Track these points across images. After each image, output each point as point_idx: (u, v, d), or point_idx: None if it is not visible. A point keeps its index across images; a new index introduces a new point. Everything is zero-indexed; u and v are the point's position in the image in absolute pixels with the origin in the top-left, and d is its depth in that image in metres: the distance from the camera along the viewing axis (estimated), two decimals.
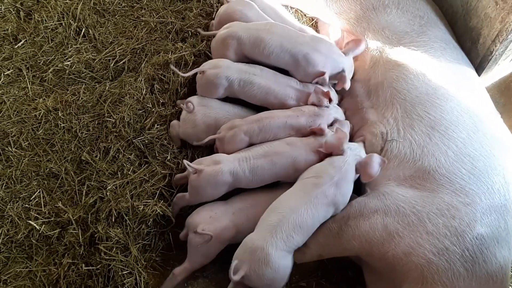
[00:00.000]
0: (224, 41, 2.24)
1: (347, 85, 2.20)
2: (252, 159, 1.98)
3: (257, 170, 1.96)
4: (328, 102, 2.11)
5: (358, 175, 1.94)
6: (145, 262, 2.00)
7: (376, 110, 2.13)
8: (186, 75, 2.24)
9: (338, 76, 2.22)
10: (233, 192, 2.08)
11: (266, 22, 2.33)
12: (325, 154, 1.96)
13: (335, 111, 2.16)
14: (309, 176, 1.90)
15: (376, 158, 1.88)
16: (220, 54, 2.28)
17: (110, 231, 1.98)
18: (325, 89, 2.14)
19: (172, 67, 2.30)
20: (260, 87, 2.16)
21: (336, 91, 2.28)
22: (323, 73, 2.17)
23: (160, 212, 2.03)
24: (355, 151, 1.95)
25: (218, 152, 2.12)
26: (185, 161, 1.94)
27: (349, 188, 1.88)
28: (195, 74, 2.25)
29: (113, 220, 2.01)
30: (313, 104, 2.13)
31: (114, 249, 1.96)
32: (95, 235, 2.00)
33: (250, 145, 2.09)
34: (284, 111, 2.13)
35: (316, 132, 2.05)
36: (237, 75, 2.16)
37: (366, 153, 2.00)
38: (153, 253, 2.08)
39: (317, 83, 2.20)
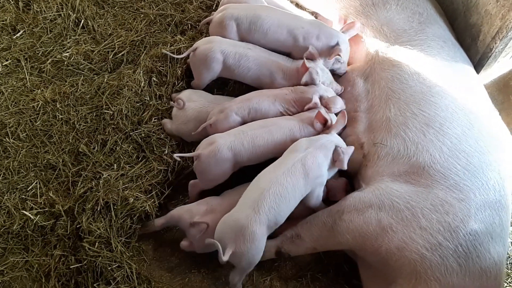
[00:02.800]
0: (221, 23, 2.26)
1: (341, 53, 2.21)
2: (249, 131, 1.98)
3: (256, 140, 1.96)
4: (319, 81, 2.15)
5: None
6: (130, 253, 2.00)
7: (366, 115, 2.13)
8: (181, 56, 2.27)
9: (333, 49, 2.23)
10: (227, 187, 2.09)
11: (261, 4, 2.39)
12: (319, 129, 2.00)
13: (323, 89, 2.15)
14: (289, 149, 1.92)
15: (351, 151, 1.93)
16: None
17: (92, 225, 1.97)
18: (314, 64, 2.17)
19: (165, 51, 2.32)
20: (255, 58, 2.19)
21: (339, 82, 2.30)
22: (309, 52, 2.20)
23: (148, 211, 2.04)
24: (339, 139, 1.97)
25: None
26: (175, 155, 1.97)
27: (323, 162, 1.88)
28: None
29: (99, 209, 2.00)
30: (305, 84, 2.15)
31: (97, 243, 1.95)
32: (79, 227, 2.00)
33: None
34: (272, 90, 2.16)
35: (310, 108, 2.06)
36: (231, 48, 2.18)
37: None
38: (136, 243, 2.07)
39: (307, 58, 2.19)
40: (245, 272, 1.88)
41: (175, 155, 1.98)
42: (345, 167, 1.90)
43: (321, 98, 2.10)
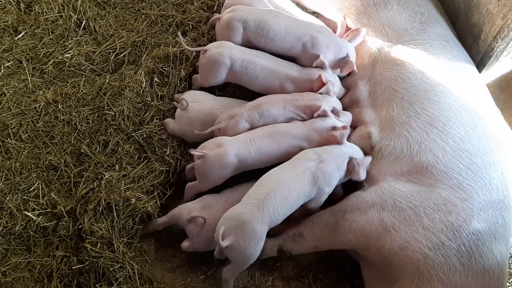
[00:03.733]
0: (229, 25, 2.25)
1: (355, 68, 2.21)
2: (257, 140, 1.97)
3: (263, 150, 1.96)
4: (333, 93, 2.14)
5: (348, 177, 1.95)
6: (132, 254, 2.00)
7: (371, 111, 2.13)
8: (192, 49, 2.27)
9: (343, 62, 2.23)
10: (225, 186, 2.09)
11: (270, 9, 2.37)
12: (327, 138, 1.97)
13: (335, 101, 2.16)
14: (301, 154, 1.92)
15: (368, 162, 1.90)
16: (225, 38, 2.28)
17: (94, 226, 1.97)
18: (326, 74, 2.16)
19: (179, 35, 2.32)
20: (263, 67, 2.17)
21: (341, 83, 2.30)
22: (319, 60, 2.19)
23: (150, 211, 2.04)
24: (353, 148, 1.96)
25: None
26: (191, 150, 1.94)
27: (334, 173, 1.87)
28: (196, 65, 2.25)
29: (100, 210, 2.00)
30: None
31: (99, 244, 1.95)
32: (81, 228, 2.00)
33: None
34: (282, 95, 2.14)
35: (320, 115, 2.05)
36: (240, 55, 2.17)
37: None
38: (138, 243, 2.08)
39: (316, 66, 2.20)
40: (239, 269, 1.88)
41: (192, 150, 1.94)
42: (362, 178, 1.90)
43: (333, 109, 2.10)
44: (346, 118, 2.14)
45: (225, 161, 1.93)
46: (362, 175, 1.90)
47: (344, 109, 2.25)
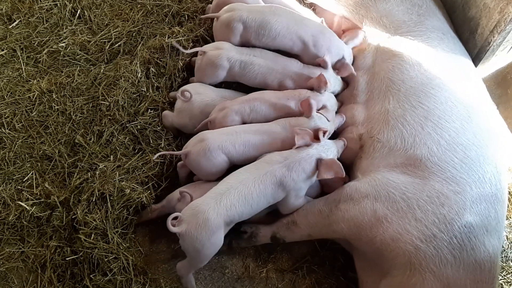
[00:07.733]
0: (229, 25, 2.21)
1: (353, 71, 2.20)
2: (243, 134, 1.98)
3: (248, 144, 1.97)
4: (325, 90, 2.11)
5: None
6: (126, 245, 2.00)
7: (366, 107, 2.12)
8: (188, 51, 2.23)
9: (339, 64, 2.23)
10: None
11: (269, 5, 2.32)
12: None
13: (326, 98, 2.15)
14: (267, 157, 1.93)
15: (335, 166, 1.88)
16: (224, 38, 2.25)
17: (87, 217, 1.96)
18: (328, 74, 2.15)
19: (174, 43, 2.28)
20: (261, 67, 2.16)
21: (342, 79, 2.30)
22: (323, 60, 2.18)
23: (145, 202, 2.03)
24: (322, 147, 1.94)
25: None
26: (157, 154, 1.98)
27: (301, 176, 1.87)
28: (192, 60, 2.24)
29: (94, 200, 1.99)
30: (309, 88, 2.12)
31: (93, 235, 1.95)
32: (75, 218, 2.00)
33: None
34: (275, 92, 2.14)
35: (304, 110, 2.04)
36: (238, 57, 2.16)
37: (344, 152, 2.06)
38: (132, 234, 2.07)
39: (319, 65, 2.19)
40: (192, 264, 1.88)
41: (157, 155, 1.97)
42: (325, 177, 1.88)
43: (322, 106, 2.09)
44: (334, 118, 2.13)
45: (209, 155, 1.93)
46: (326, 176, 1.88)
47: (342, 102, 2.26)
